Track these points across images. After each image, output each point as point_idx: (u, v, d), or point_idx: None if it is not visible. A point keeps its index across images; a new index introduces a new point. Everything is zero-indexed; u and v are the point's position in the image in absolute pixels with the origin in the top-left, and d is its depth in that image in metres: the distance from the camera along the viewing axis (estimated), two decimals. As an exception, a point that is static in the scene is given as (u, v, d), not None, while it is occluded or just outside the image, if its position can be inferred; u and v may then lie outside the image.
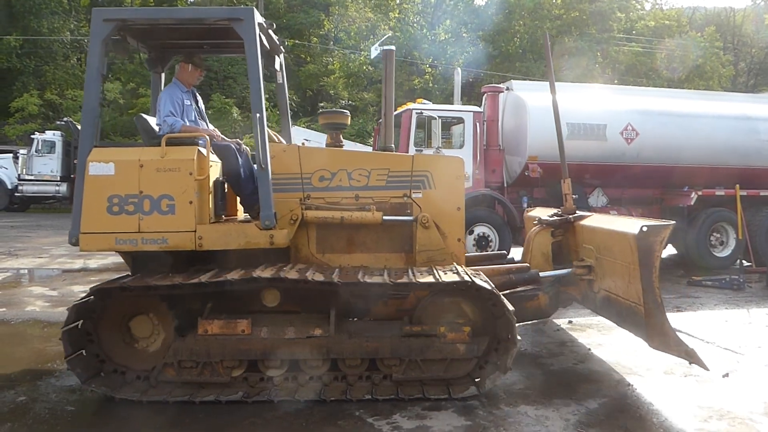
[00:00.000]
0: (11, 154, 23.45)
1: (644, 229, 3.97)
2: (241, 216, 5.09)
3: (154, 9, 15.80)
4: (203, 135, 4.51)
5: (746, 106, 11.26)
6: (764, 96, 14.67)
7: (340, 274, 4.21)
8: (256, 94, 4.33)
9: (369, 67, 28.59)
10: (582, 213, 5.45)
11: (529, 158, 9.86)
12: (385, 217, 4.66)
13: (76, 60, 31.25)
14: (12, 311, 6.84)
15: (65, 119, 22.13)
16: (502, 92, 10.57)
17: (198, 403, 3.98)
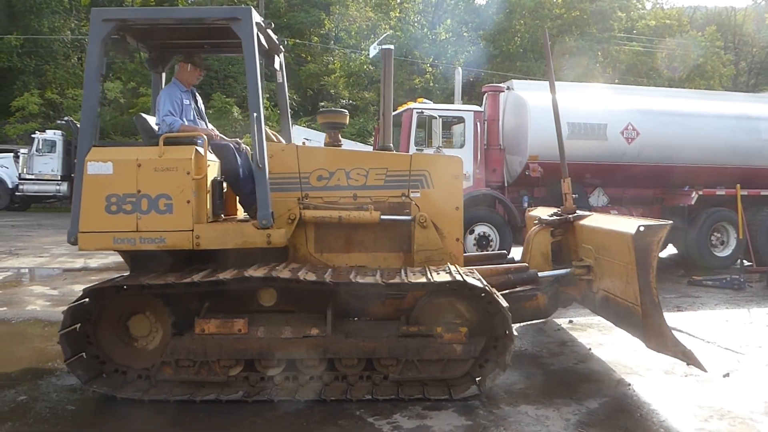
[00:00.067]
0: (12, 154, 23.46)
1: (641, 229, 3.95)
2: (241, 215, 5.09)
3: (153, 9, 15.79)
4: (201, 134, 4.51)
5: (747, 106, 11.23)
6: (765, 95, 14.65)
7: (332, 274, 4.19)
8: (254, 93, 4.33)
9: (369, 67, 28.58)
10: (581, 213, 5.43)
11: (529, 158, 9.84)
12: (383, 217, 4.65)
13: (76, 59, 31.20)
14: (13, 310, 6.85)
15: (66, 118, 22.09)
16: (502, 92, 10.55)
17: (198, 402, 3.99)
